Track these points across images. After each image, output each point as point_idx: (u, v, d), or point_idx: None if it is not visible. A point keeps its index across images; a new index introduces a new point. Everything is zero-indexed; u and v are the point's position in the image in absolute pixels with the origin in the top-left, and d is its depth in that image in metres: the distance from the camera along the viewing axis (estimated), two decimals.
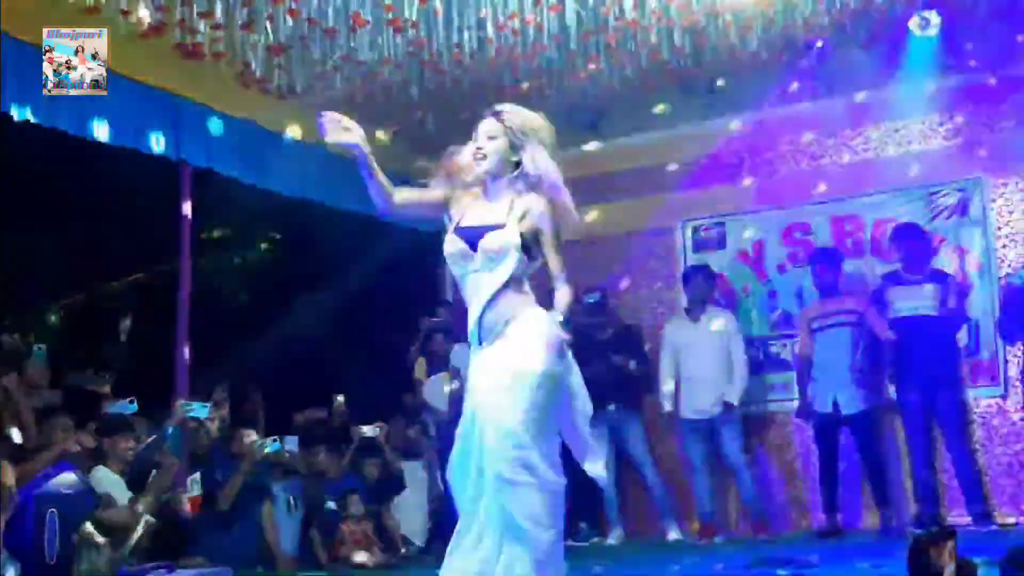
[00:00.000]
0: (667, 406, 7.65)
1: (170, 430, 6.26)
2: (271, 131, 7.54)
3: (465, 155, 3.85)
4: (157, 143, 6.75)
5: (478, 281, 3.64)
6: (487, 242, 3.61)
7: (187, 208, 7.11)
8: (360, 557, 6.88)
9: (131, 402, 6.24)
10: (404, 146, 8.76)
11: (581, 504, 7.76)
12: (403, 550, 7.43)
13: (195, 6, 6.13)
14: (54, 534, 4.79)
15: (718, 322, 7.62)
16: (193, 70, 6.81)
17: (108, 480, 5.64)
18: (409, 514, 7.77)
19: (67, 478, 5.03)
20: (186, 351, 6.93)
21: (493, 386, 3.53)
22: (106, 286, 9.55)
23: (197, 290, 7.22)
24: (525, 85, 7.53)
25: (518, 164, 3.71)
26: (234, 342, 8.38)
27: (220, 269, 9.63)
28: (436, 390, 8.34)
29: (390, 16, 6.42)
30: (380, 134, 7.86)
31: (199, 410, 6.58)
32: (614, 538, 7.64)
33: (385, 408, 8.35)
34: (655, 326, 8.26)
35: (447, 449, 7.66)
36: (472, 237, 3.65)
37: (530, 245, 3.66)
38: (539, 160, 3.67)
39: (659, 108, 8.07)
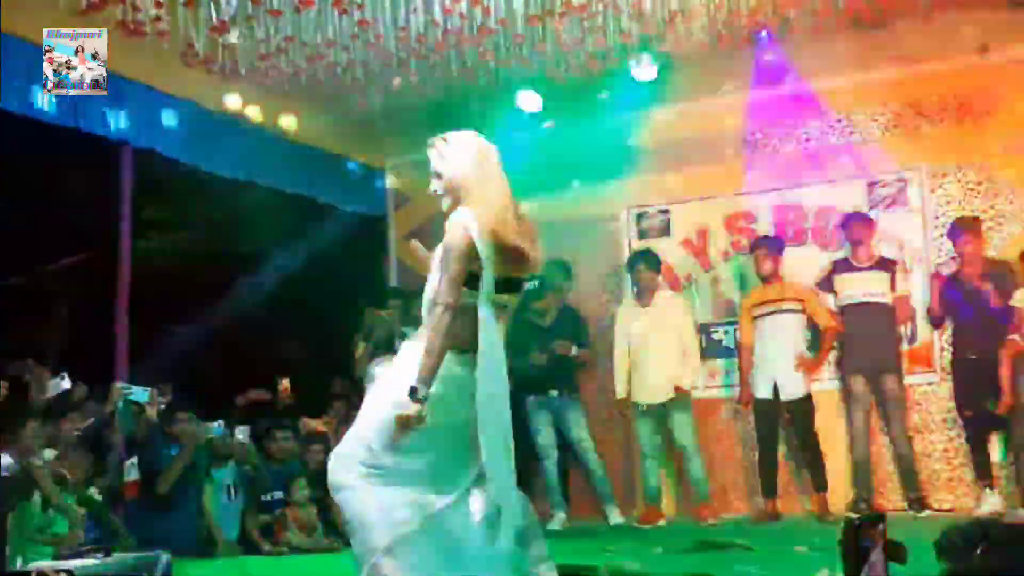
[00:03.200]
0: (621, 391, 7.67)
1: (120, 407, 6.20)
2: (214, 111, 7.46)
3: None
4: (97, 122, 6.65)
5: None
6: None
7: (128, 189, 7.01)
8: (301, 540, 6.85)
9: (62, 378, 6.15)
10: (346, 129, 8.74)
11: (524, 488, 7.80)
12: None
13: None
14: None
15: (670, 307, 7.66)
16: (135, 48, 6.70)
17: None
18: None
19: (2, 461, 4.97)
20: (126, 334, 6.85)
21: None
22: (44, 268, 9.40)
23: (137, 272, 7.13)
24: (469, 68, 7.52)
25: None
26: (175, 325, 8.31)
27: (161, 251, 9.52)
28: (379, 374, 8.29)
29: None
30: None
31: (139, 394, 6.52)
32: (557, 522, 7.66)
33: (328, 393, 8.30)
34: (599, 312, 8.29)
35: None
36: None
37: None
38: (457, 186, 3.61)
39: (603, 95, 8.11)
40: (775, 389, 7.34)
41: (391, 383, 3.54)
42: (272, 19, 6.59)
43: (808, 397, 7.37)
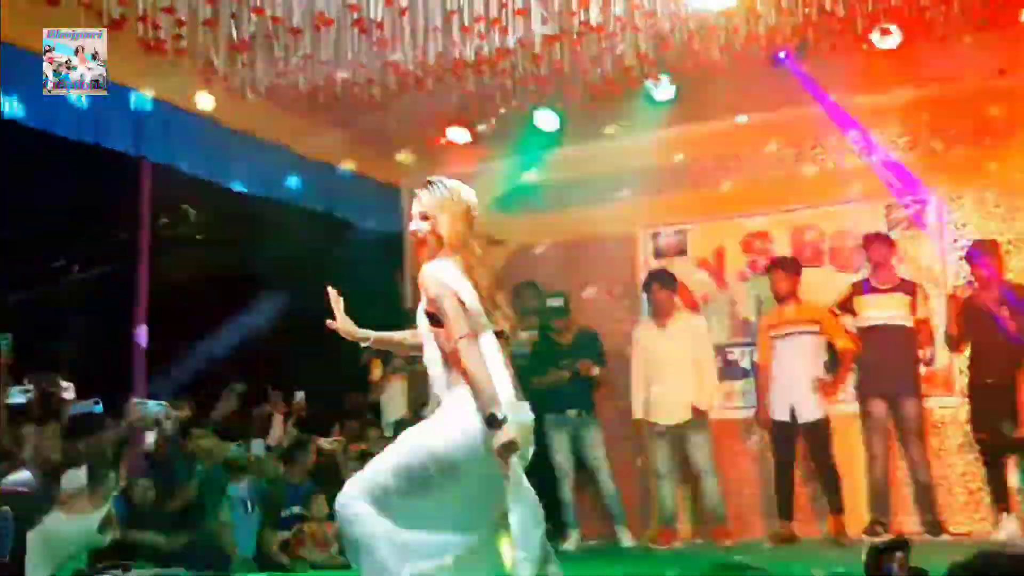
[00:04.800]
0: (638, 412, 7.65)
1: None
2: (233, 128, 7.50)
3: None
4: (117, 138, 6.69)
5: None
6: None
7: (146, 204, 7.05)
8: (317, 556, 6.84)
9: (96, 403, 6.16)
10: (364, 146, 8.78)
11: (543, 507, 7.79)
12: None
13: (159, 1, 6.08)
14: (8, 532, 4.73)
15: (687, 327, 7.64)
16: (155, 66, 6.75)
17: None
18: None
19: (22, 476, 4.97)
20: (144, 349, 6.87)
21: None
22: (63, 282, 9.43)
23: (156, 287, 7.15)
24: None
25: None
26: (193, 341, 8.32)
27: (179, 266, 9.53)
28: (393, 393, 8.31)
29: (355, 16, 6.39)
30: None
31: (154, 408, 6.52)
32: (571, 543, 7.64)
33: (340, 411, 8.31)
34: (614, 331, 8.29)
35: None
36: None
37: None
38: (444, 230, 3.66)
39: (609, 130, 8.13)
40: (792, 411, 7.31)
41: (429, 431, 3.53)
42: (291, 37, 6.62)
43: (825, 419, 7.33)
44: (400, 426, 8.00)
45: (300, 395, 8.10)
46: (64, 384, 6.49)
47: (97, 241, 8.59)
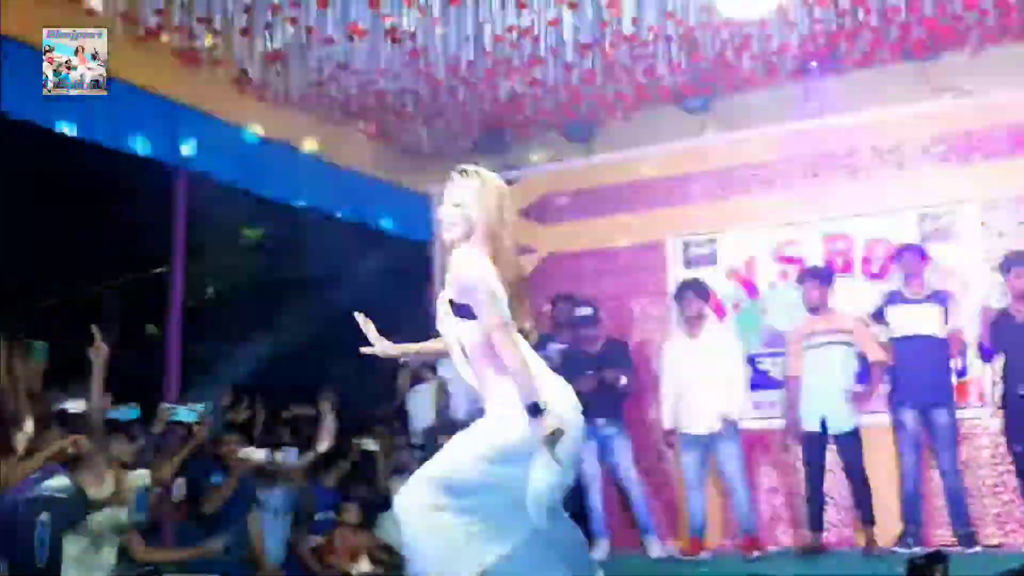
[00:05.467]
0: (667, 421, 7.64)
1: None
2: (267, 137, 7.57)
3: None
4: (153, 147, 6.76)
5: None
6: None
7: (181, 213, 7.11)
8: (361, 566, 6.86)
9: (132, 409, 6.22)
10: (395, 155, 8.83)
11: (571, 515, 7.79)
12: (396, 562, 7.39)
13: (194, 11, 6.15)
14: (44, 538, 4.76)
15: (717, 337, 7.63)
16: (190, 75, 6.83)
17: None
18: (396, 527, 7.74)
19: (59, 482, 5.00)
20: (177, 356, 6.93)
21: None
22: (99, 289, 9.54)
23: (190, 294, 7.22)
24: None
25: None
26: (225, 347, 8.39)
27: (213, 274, 9.62)
28: (420, 400, 8.34)
29: (388, 26, 6.44)
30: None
31: (184, 414, 6.56)
32: (599, 552, 7.62)
33: (372, 417, 8.35)
34: (643, 341, 8.28)
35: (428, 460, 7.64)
36: None
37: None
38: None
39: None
40: (823, 422, 7.27)
41: (486, 428, 3.58)
42: (325, 47, 6.68)
43: (856, 430, 7.29)
44: (429, 433, 8.05)
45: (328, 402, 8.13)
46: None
47: (132, 249, 8.70)
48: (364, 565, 6.93)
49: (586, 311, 7.82)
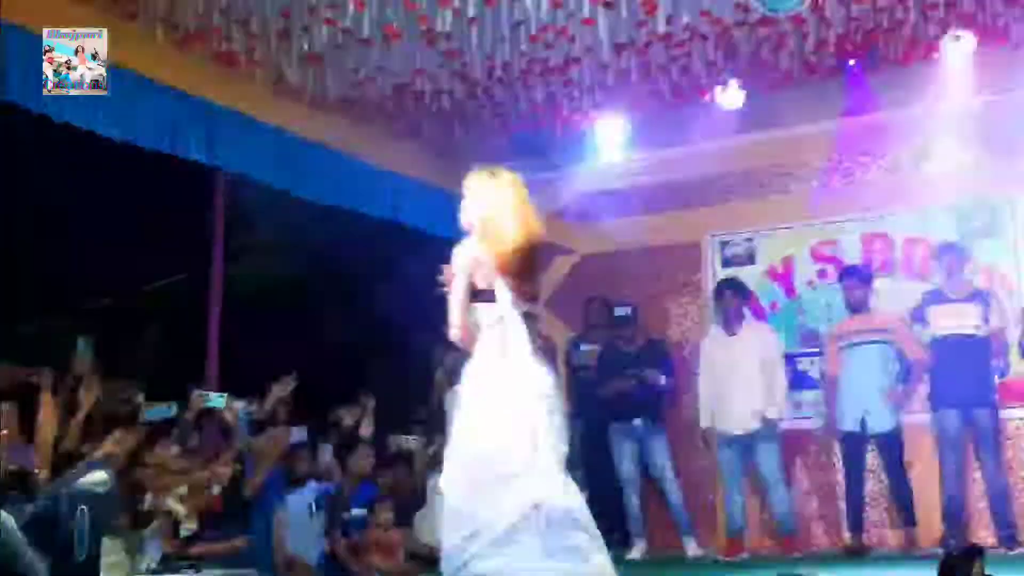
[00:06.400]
0: (705, 421, 7.62)
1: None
2: (304, 139, 7.61)
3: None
4: (192, 149, 6.82)
5: None
6: None
7: (220, 214, 7.17)
8: (381, 564, 6.89)
9: (169, 407, 6.28)
10: (432, 156, 8.85)
11: (606, 516, 7.77)
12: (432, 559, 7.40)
13: (232, 14, 6.20)
14: (84, 533, 4.82)
15: (756, 336, 7.59)
16: (228, 78, 6.89)
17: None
18: (431, 525, 7.75)
19: (98, 476, 5.06)
20: (216, 355, 6.99)
21: None
22: (139, 290, 9.63)
23: (228, 296, 7.28)
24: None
25: None
26: (264, 348, 8.44)
27: (251, 275, 9.68)
28: (458, 399, 8.33)
29: (424, 27, 6.47)
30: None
31: (216, 400, 6.61)
32: (637, 552, 7.62)
33: (410, 418, 8.37)
34: (681, 340, 8.26)
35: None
36: None
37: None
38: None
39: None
40: (863, 422, 7.22)
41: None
42: (362, 49, 6.71)
43: (897, 430, 7.23)
44: None
45: (371, 402, 8.14)
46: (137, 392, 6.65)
47: (172, 249, 8.78)
48: (398, 564, 6.94)
49: (625, 311, 7.82)
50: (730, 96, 7.63)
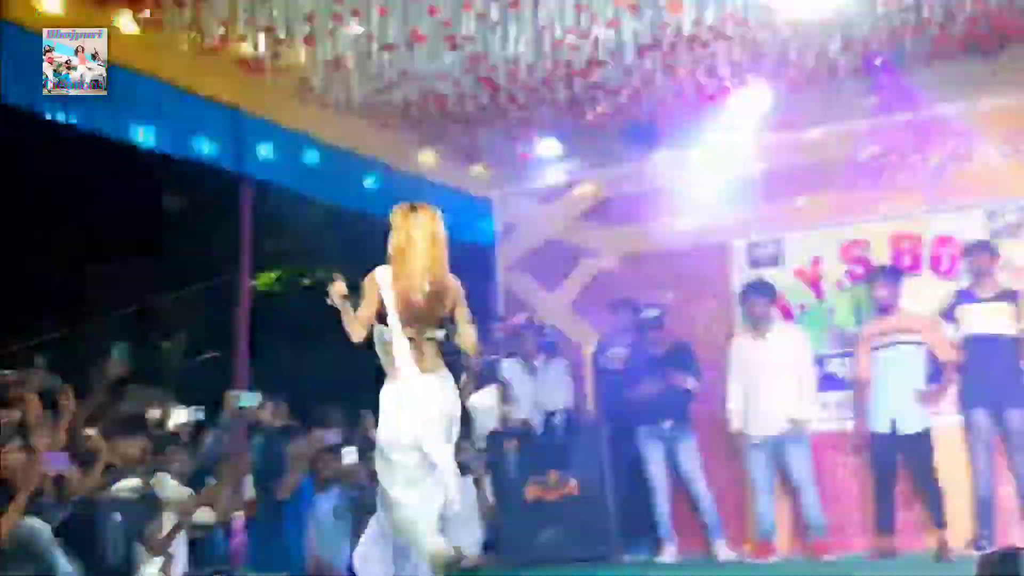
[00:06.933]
0: (735, 424, 7.58)
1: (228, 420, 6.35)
2: (329, 144, 7.64)
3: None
4: (219, 155, 6.85)
5: None
6: None
7: (247, 220, 7.19)
8: None
9: (198, 411, 6.32)
10: (456, 160, 8.87)
11: (635, 519, 7.75)
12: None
13: (258, 21, 6.23)
14: (117, 538, 4.85)
15: (785, 338, 7.55)
16: (253, 84, 6.92)
17: (169, 486, 5.72)
18: (461, 528, 7.74)
19: (130, 483, 5.10)
20: (245, 361, 7.01)
21: None
22: (166, 296, 9.68)
23: (256, 302, 7.29)
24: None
25: None
26: (292, 353, 8.47)
27: (279, 280, 9.73)
28: (482, 404, 8.34)
29: (448, 32, 6.47)
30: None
31: (248, 398, 6.64)
32: (667, 555, 7.58)
33: None
34: (708, 343, 8.21)
35: (497, 463, 7.67)
36: None
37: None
38: None
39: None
40: (893, 423, 7.16)
41: None
42: (386, 53, 6.72)
43: (927, 432, 7.17)
44: (493, 438, 8.07)
45: None
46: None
47: (200, 256, 8.82)
48: None
49: (653, 313, 7.79)
50: (754, 95, 7.60)
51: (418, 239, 4.62)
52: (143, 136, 6.35)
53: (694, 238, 8.45)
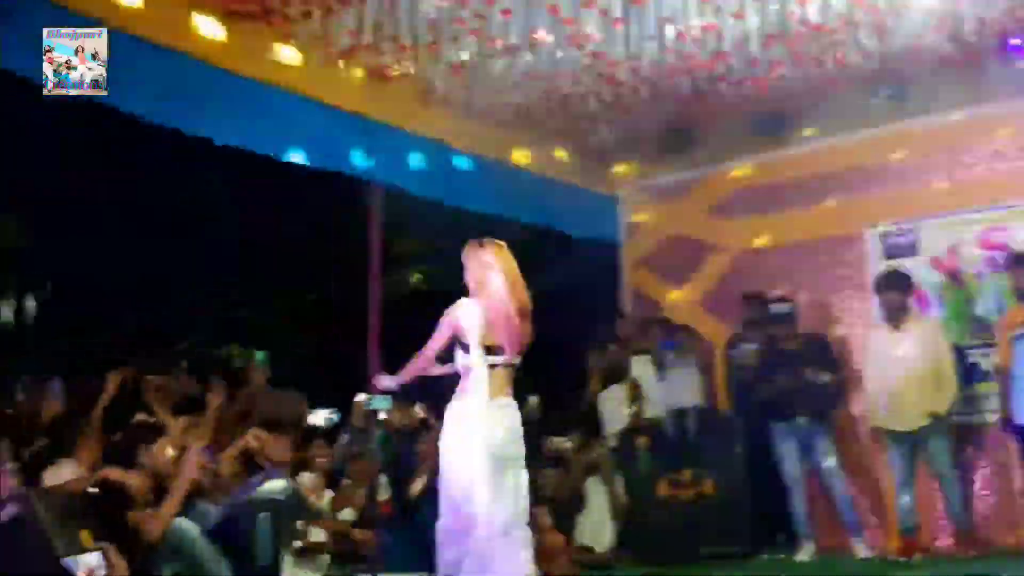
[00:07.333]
0: (874, 418, 7.41)
1: (378, 433, 6.46)
2: (453, 147, 7.71)
3: None
4: (348, 163, 6.99)
5: None
6: None
7: (377, 225, 7.31)
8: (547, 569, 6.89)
9: (334, 413, 6.45)
10: (581, 159, 8.86)
11: (771, 517, 7.65)
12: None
13: (384, 30, 6.33)
14: (266, 539, 4.96)
15: (923, 330, 7.34)
16: (379, 91, 7.03)
17: (312, 486, 5.86)
18: (592, 528, 7.74)
19: (278, 484, 5.21)
20: (377, 362, 7.13)
21: None
22: (300, 301, 9.90)
23: (386, 306, 7.41)
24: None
25: None
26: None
27: (408, 281, 9.85)
28: (613, 401, 8.32)
29: (569, 31, 6.46)
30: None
31: (379, 402, 6.73)
32: (805, 553, 7.45)
33: (567, 420, 8.39)
34: (844, 336, 8.04)
35: (627, 462, 7.61)
36: None
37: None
38: None
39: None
40: None
41: None
42: (508, 56, 6.75)
43: None
44: (624, 436, 8.05)
45: (533, 400, 8.17)
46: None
47: (331, 261, 9.00)
48: (560, 566, 6.94)
49: (784, 307, 7.67)
50: (888, 83, 7.42)
51: (496, 272, 4.82)
52: (272, 147, 6.50)
53: (826, 229, 8.29)
